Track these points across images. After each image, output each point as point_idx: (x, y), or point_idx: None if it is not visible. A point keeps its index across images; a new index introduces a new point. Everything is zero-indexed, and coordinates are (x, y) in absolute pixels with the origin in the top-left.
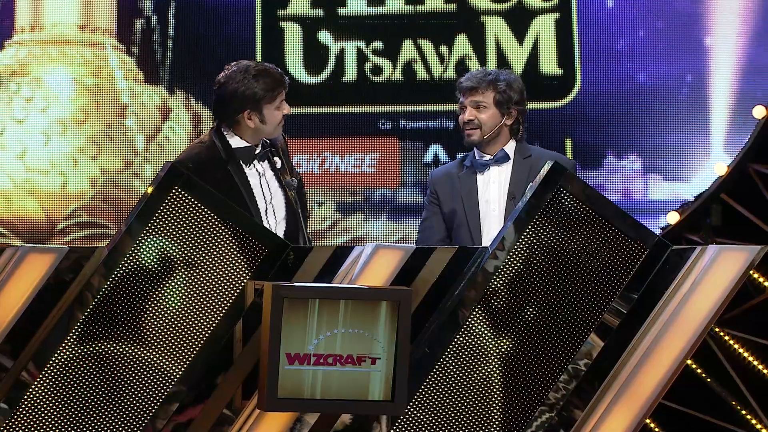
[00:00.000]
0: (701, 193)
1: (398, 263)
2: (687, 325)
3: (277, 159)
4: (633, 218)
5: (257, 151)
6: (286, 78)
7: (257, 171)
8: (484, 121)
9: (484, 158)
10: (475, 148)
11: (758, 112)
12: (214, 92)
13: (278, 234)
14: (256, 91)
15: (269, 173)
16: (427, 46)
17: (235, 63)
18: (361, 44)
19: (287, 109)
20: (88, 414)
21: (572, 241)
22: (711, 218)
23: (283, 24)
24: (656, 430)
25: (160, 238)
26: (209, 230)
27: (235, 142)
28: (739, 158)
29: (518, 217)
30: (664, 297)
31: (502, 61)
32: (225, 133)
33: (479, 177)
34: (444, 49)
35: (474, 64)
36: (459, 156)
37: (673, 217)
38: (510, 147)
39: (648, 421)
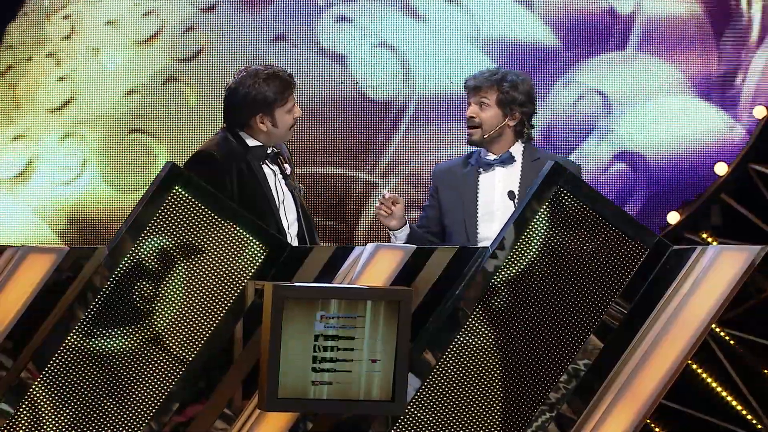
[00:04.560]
0: (701, 193)
1: (399, 263)
2: (687, 325)
3: (286, 165)
4: (633, 218)
5: (269, 151)
6: (295, 80)
7: (271, 170)
8: (484, 119)
9: (489, 157)
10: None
11: (758, 112)
12: (225, 98)
13: (291, 235)
14: (267, 95)
15: (279, 176)
16: None
17: (244, 68)
18: None
19: (298, 113)
20: (89, 413)
21: (572, 241)
22: (711, 218)
23: None
24: (656, 430)
25: (161, 238)
26: (209, 230)
27: (249, 141)
28: (739, 158)
29: (519, 217)
30: (665, 297)
31: None
32: (238, 132)
33: (482, 176)
34: None
35: None
36: (459, 157)
37: (673, 217)
38: (517, 149)
39: (648, 421)
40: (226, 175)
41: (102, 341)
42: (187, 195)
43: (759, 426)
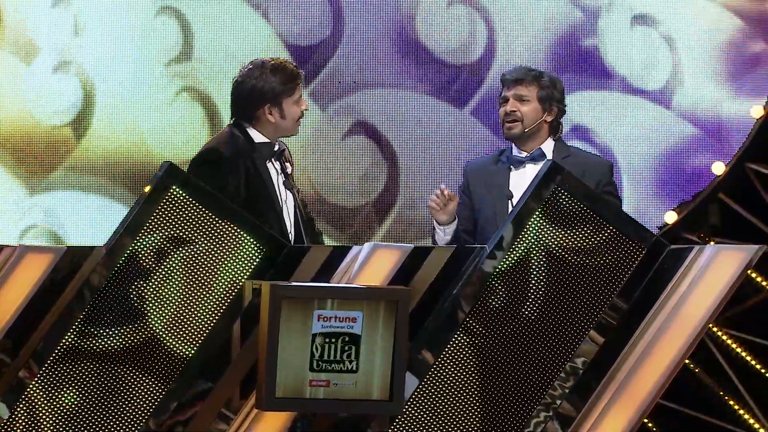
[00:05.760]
0: (699, 193)
1: (396, 263)
2: (685, 325)
3: (288, 164)
4: (631, 217)
5: (276, 148)
6: (302, 72)
7: (275, 168)
8: (525, 113)
9: (521, 155)
10: (513, 144)
11: (756, 111)
12: (232, 92)
13: (292, 235)
14: (274, 86)
15: (281, 175)
16: None
17: (250, 62)
18: None
19: (305, 105)
20: (87, 413)
21: (570, 240)
22: (709, 218)
23: None
24: (654, 429)
25: (158, 237)
26: (207, 229)
27: (256, 136)
28: (736, 158)
29: (516, 216)
30: (662, 296)
31: None
32: (246, 127)
33: (513, 173)
34: None
35: None
36: (497, 150)
37: (670, 217)
38: (548, 146)
39: (645, 420)
40: (233, 173)
41: (100, 340)
42: (184, 194)
43: (756, 425)
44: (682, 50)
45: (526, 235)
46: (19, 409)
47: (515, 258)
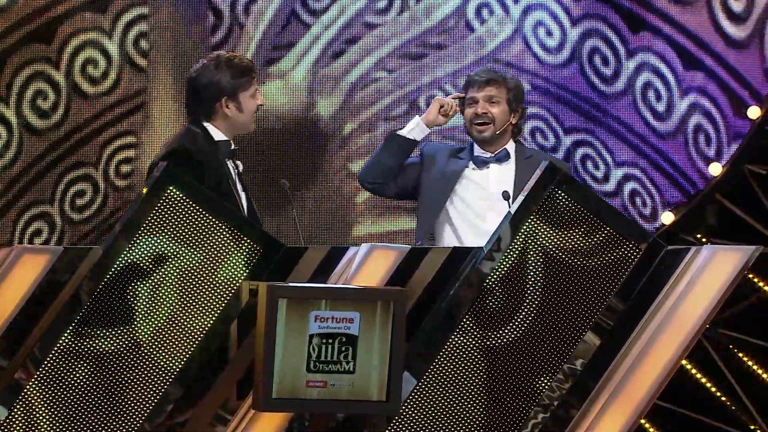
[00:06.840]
0: (696, 194)
1: (393, 263)
2: (682, 325)
3: (239, 162)
4: (628, 218)
5: (232, 147)
6: (256, 67)
7: (231, 168)
8: (496, 115)
9: (485, 155)
10: (475, 144)
11: (753, 112)
12: (187, 87)
13: None
14: (230, 79)
15: (237, 175)
16: None
17: (205, 58)
18: None
19: (261, 100)
20: (84, 414)
21: (567, 241)
22: (706, 218)
23: None
24: (651, 430)
25: (155, 238)
26: (204, 230)
27: (215, 134)
28: (734, 158)
29: (513, 217)
30: (660, 297)
31: None
32: (203, 123)
33: (476, 172)
34: None
35: None
36: (450, 144)
37: (667, 218)
38: (510, 147)
39: (643, 421)
40: (204, 173)
41: (96, 341)
42: (181, 195)
43: (752, 426)
44: None
45: (523, 237)
46: (16, 411)
47: (512, 259)
